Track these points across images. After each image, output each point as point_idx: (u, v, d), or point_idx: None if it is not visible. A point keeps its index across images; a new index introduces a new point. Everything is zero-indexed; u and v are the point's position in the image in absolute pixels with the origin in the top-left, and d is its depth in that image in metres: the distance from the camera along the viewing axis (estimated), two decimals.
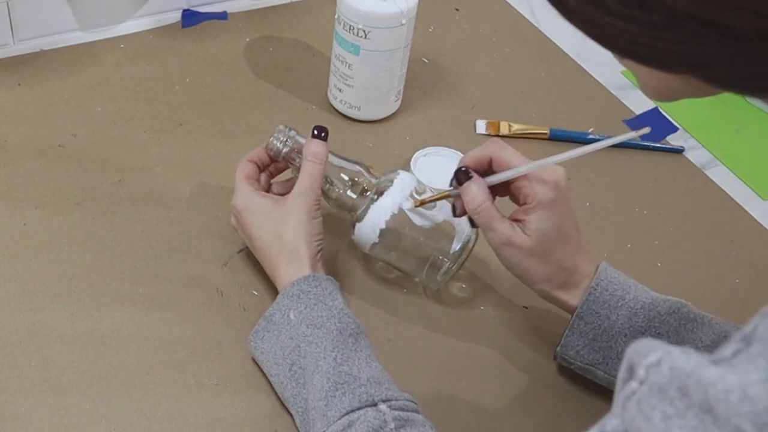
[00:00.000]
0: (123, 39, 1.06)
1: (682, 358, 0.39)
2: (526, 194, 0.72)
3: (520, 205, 0.73)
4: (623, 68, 1.13)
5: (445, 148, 0.96)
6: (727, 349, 0.39)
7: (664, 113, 1.09)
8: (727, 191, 0.99)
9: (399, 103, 1.02)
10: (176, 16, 1.10)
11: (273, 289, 0.80)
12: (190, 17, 1.10)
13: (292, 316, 0.71)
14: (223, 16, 1.11)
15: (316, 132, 0.78)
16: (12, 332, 0.74)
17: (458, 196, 0.74)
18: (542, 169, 0.72)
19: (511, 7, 1.21)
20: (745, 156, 1.05)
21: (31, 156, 0.90)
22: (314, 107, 1.01)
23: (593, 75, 1.12)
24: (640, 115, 1.08)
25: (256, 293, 0.80)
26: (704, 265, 0.90)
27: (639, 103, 1.09)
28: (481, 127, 1.01)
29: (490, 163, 0.73)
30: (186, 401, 0.71)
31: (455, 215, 0.76)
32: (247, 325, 0.77)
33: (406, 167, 0.94)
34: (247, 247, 0.83)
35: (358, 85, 0.96)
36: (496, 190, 0.74)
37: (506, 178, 0.72)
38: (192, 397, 0.72)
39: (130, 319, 0.76)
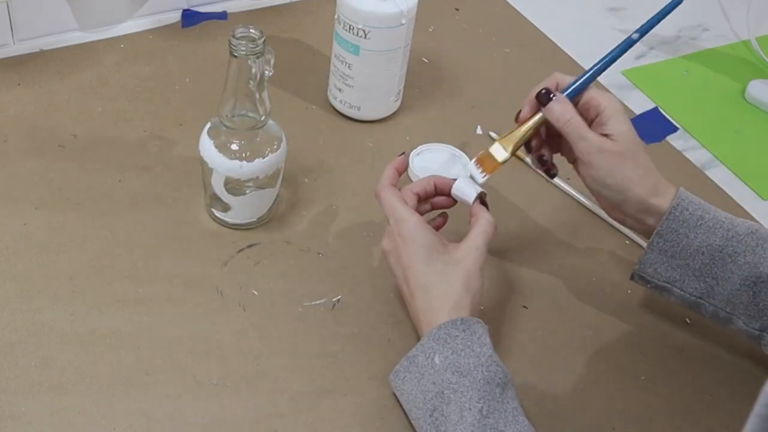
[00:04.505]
0: (123, 39, 1.06)
1: None
2: (598, 104, 0.77)
3: (591, 121, 0.77)
4: (623, 68, 1.14)
5: (436, 144, 0.96)
6: None
7: (664, 113, 1.09)
8: (727, 191, 0.99)
9: (399, 103, 1.02)
10: (176, 16, 1.10)
11: (272, 289, 0.81)
12: (190, 17, 1.10)
13: (437, 360, 0.68)
14: (223, 16, 1.12)
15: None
16: (12, 332, 0.74)
17: (543, 122, 0.79)
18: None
19: (511, 7, 1.21)
20: (745, 156, 1.05)
21: (31, 156, 0.90)
22: (314, 107, 1.01)
23: None
24: (640, 115, 1.08)
25: (256, 293, 0.80)
26: None
27: (639, 103, 1.09)
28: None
29: (556, 88, 0.79)
30: (186, 401, 0.71)
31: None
32: (247, 325, 0.77)
33: None
34: (247, 247, 0.83)
35: (358, 85, 0.96)
36: (554, 148, 0.81)
37: (581, 86, 0.78)
38: (192, 397, 0.72)
39: (130, 319, 0.76)
